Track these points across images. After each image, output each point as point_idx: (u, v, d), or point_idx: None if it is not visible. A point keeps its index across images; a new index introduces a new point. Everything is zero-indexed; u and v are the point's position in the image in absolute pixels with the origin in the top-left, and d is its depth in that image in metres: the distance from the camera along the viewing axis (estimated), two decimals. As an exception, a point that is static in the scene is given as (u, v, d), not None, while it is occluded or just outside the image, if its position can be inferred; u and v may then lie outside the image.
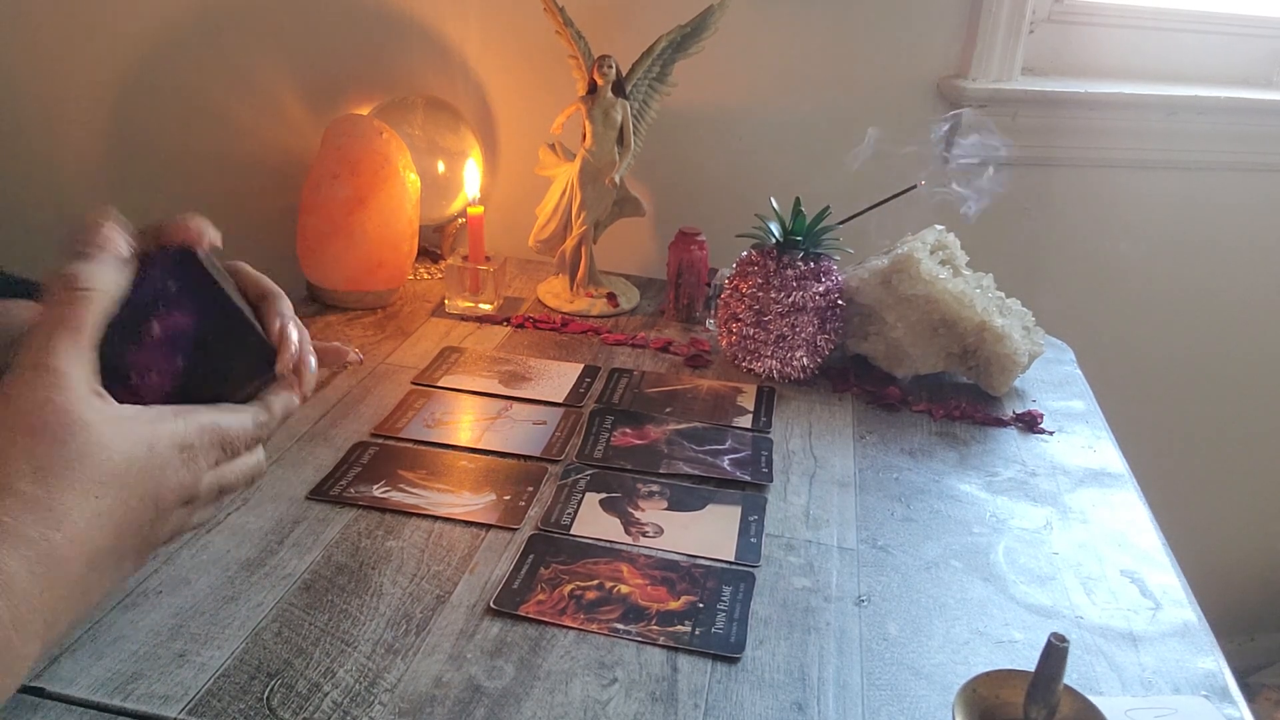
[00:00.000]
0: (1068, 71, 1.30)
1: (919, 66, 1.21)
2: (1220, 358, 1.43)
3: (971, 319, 0.89)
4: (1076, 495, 0.78)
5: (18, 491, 0.43)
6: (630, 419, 0.83)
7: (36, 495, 0.44)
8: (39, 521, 0.43)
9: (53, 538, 0.44)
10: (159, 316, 0.50)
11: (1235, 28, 1.33)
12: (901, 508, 0.74)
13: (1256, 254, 1.38)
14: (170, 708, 0.50)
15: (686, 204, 1.18)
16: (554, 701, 0.53)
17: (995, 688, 0.51)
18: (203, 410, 0.50)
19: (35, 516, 0.43)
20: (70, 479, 0.45)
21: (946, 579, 0.67)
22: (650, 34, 1.00)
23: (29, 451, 0.44)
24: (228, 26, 1.10)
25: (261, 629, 0.56)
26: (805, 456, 0.80)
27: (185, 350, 0.51)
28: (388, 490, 0.70)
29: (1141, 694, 0.57)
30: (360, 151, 0.97)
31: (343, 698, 0.52)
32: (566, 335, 0.99)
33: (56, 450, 0.45)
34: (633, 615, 0.60)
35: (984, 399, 0.92)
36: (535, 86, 1.16)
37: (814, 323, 0.90)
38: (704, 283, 1.04)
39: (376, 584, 0.61)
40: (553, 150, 1.05)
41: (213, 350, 0.51)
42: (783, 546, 0.68)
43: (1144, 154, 1.30)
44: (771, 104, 1.20)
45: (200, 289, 0.51)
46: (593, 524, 0.69)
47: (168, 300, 0.50)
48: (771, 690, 0.55)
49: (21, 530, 0.43)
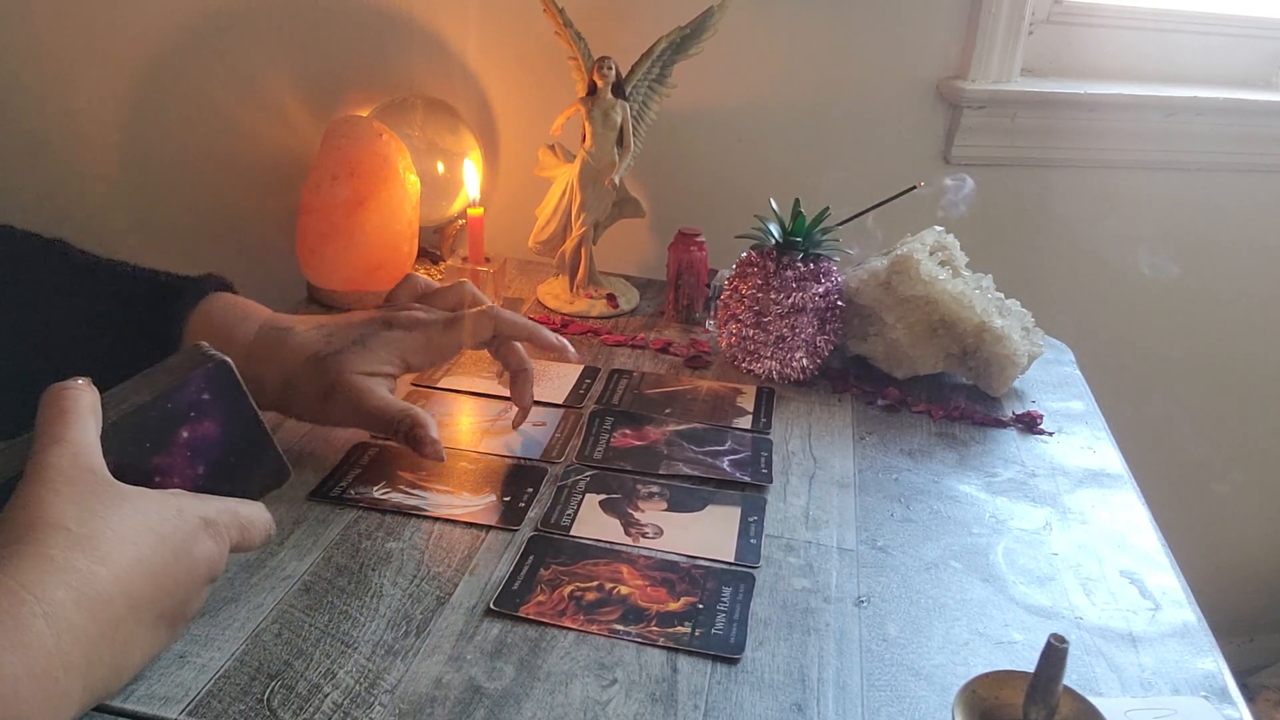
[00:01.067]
0: (1067, 72, 1.31)
1: (918, 67, 1.21)
2: (1220, 358, 1.43)
3: (971, 320, 0.89)
4: (1076, 496, 0.78)
5: (67, 529, 0.45)
6: (630, 420, 0.83)
7: (83, 534, 0.46)
8: (86, 556, 0.45)
9: (99, 572, 0.45)
10: (189, 424, 0.52)
11: (1235, 29, 1.33)
12: (901, 508, 0.74)
13: (1256, 255, 1.38)
14: (170, 709, 0.50)
15: (686, 205, 1.18)
16: (554, 702, 0.53)
17: (995, 688, 0.51)
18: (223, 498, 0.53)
19: (82, 551, 0.45)
20: (112, 525, 0.47)
21: (946, 580, 0.67)
22: (650, 35, 1.00)
23: (72, 497, 0.46)
24: (228, 28, 1.10)
25: (261, 630, 0.56)
26: (805, 457, 0.80)
27: (208, 459, 0.53)
28: (388, 491, 0.70)
29: (1141, 695, 0.57)
30: (360, 153, 0.97)
31: (343, 699, 0.52)
32: (566, 336, 0.99)
33: (93, 500, 0.47)
34: (632, 616, 0.60)
35: (983, 400, 0.92)
36: (535, 88, 1.16)
37: (814, 324, 0.90)
38: (704, 284, 1.04)
39: (376, 585, 0.61)
40: (552, 151, 1.05)
41: (232, 462, 0.53)
42: (782, 547, 0.68)
43: (1143, 155, 1.30)
44: (771, 105, 1.20)
45: (231, 402, 0.53)
46: (592, 525, 0.69)
47: (200, 409, 0.52)
48: (771, 691, 0.55)
49: (70, 562, 0.44)
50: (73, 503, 0.46)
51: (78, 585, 0.44)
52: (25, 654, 0.41)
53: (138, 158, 1.15)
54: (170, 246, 1.19)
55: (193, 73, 1.12)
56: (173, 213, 1.18)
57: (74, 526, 0.45)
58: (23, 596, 0.42)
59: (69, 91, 1.12)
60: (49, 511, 0.46)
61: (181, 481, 0.52)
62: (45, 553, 0.44)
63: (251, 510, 0.55)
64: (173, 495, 0.51)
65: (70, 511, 0.46)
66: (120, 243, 1.17)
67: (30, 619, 0.41)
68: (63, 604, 0.43)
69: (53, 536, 0.45)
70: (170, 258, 1.18)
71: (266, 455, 0.52)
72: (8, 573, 0.43)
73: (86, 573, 0.44)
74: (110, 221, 1.17)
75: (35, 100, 1.12)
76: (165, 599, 0.49)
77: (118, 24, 1.10)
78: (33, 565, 0.43)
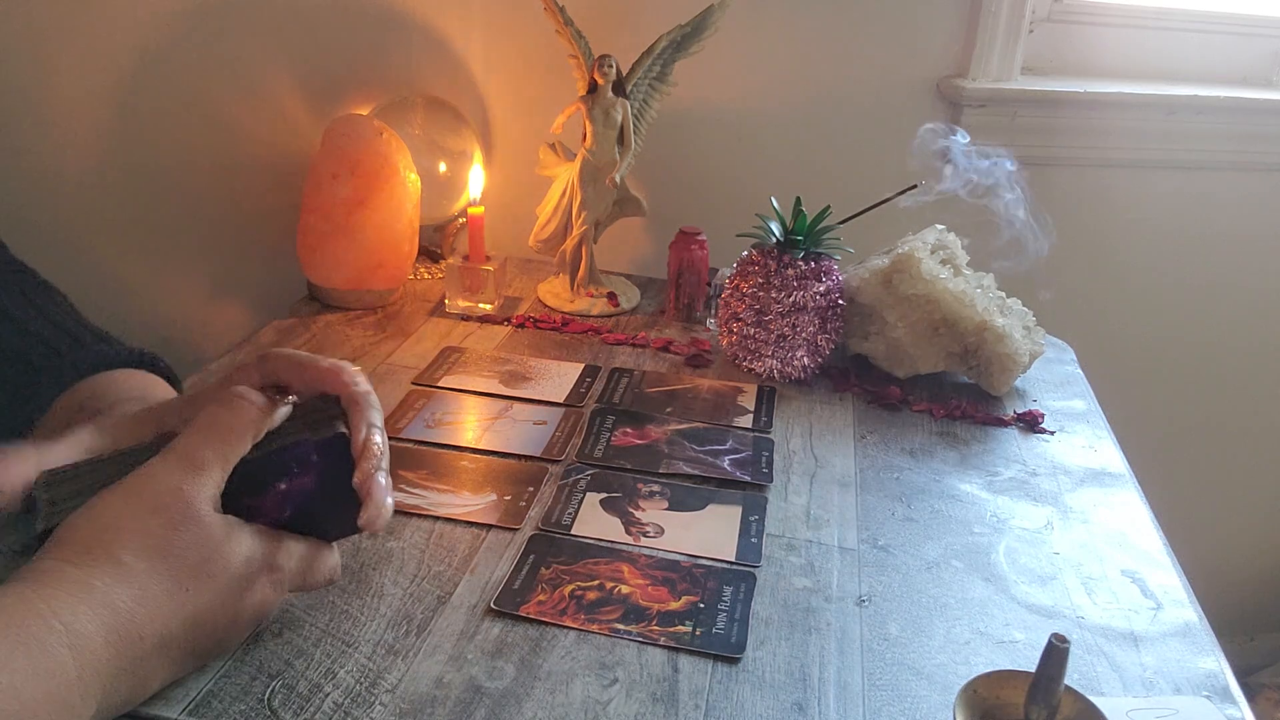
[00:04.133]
0: (1068, 71, 1.31)
1: (919, 66, 1.21)
2: (1221, 358, 1.43)
3: (972, 319, 0.89)
4: (1077, 495, 0.78)
5: (119, 561, 0.46)
6: (631, 419, 0.83)
7: (135, 569, 0.46)
8: (129, 595, 0.46)
9: (137, 612, 0.46)
10: (290, 478, 0.53)
11: (1235, 27, 1.33)
12: (902, 508, 0.74)
13: (1257, 254, 1.38)
14: (171, 708, 0.50)
15: (687, 203, 1.18)
16: (554, 702, 0.53)
17: (996, 688, 0.51)
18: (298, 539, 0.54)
19: (127, 589, 0.46)
20: (170, 564, 0.47)
21: (947, 579, 0.66)
22: (650, 33, 1.00)
23: (144, 527, 0.47)
24: (228, 26, 1.10)
25: (262, 630, 0.56)
26: (806, 456, 0.80)
27: (297, 506, 0.54)
28: (388, 490, 0.70)
29: (1142, 694, 0.57)
30: (360, 151, 0.97)
31: (343, 698, 0.52)
32: (567, 335, 0.99)
33: (168, 534, 0.48)
34: (633, 615, 0.60)
35: (985, 399, 0.92)
36: (535, 86, 1.16)
37: (814, 322, 0.90)
38: (704, 282, 1.04)
39: (377, 585, 0.61)
40: (553, 150, 1.05)
41: (317, 512, 0.54)
42: (783, 546, 0.68)
43: (1144, 153, 1.30)
44: (772, 103, 1.20)
45: (336, 466, 0.54)
46: (593, 524, 0.69)
47: (305, 468, 0.53)
48: (772, 690, 0.55)
49: (110, 598, 0.45)
50: (142, 535, 0.47)
51: (110, 621, 0.45)
52: (47, 680, 0.41)
53: (138, 157, 1.15)
54: (171, 246, 1.19)
55: (193, 72, 1.12)
56: (173, 212, 1.18)
57: (129, 560, 0.46)
58: (53, 624, 0.43)
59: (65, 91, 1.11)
60: (114, 538, 0.46)
61: (265, 520, 0.53)
62: (89, 581, 0.45)
63: (322, 555, 0.55)
64: (249, 537, 0.51)
65: (134, 544, 0.47)
66: (120, 243, 1.17)
67: (56, 647, 0.42)
68: (91, 636, 0.44)
69: (103, 566, 0.45)
70: (171, 257, 1.19)
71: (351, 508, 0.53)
72: (44, 596, 0.43)
73: (124, 611, 0.45)
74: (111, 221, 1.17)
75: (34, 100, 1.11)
76: (202, 640, 0.50)
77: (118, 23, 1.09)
78: (71, 591, 0.44)
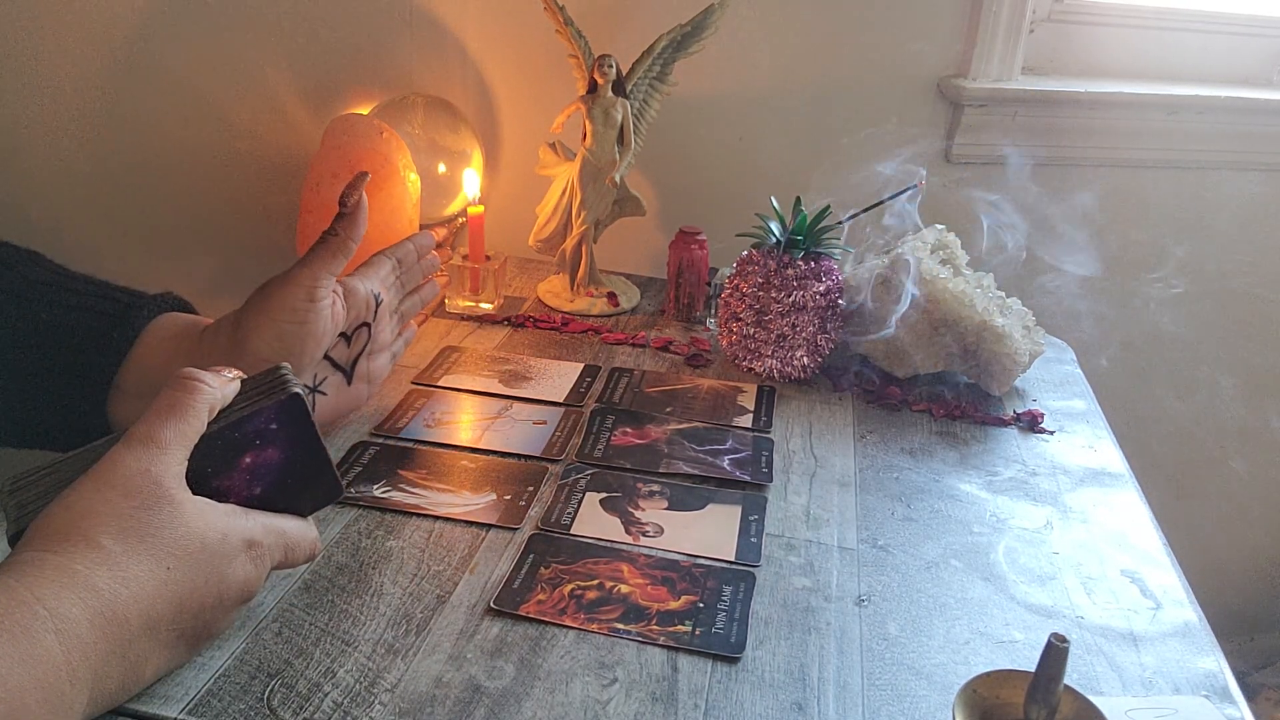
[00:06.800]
0: (1068, 71, 1.31)
1: (919, 66, 1.21)
2: (1221, 357, 1.43)
3: (972, 319, 0.89)
4: (1077, 495, 0.78)
5: (98, 544, 0.46)
6: (630, 418, 0.83)
7: (114, 551, 0.47)
8: (110, 576, 0.46)
9: (119, 593, 0.46)
10: (254, 451, 0.53)
11: (1236, 27, 1.33)
12: (902, 507, 0.74)
13: (1257, 253, 1.38)
14: (170, 708, 0.50)
15: (687, 203, 1.18)
16: (554, 701, 0.53)
17: (995, 688, 0.51)
18: (273, 515, 0.54)
19: (108, 571, 0.46)
20: (148, 544, 0.48)
21: (947, 579, 0.66)
22: (650, 33, 1.00)
23: (118, 510, 0.48)
24: (227, 25, 1.10)
25: (262, 629, 0.56)
26: (805, 456, 0.80)
27: (266, 481, 0.54)
28: (388, 490, 0.70)
29: (1142, 694, 0.57)
30: (360, 151, 0.97)
31: (343, 698, 0.52)
32: (567, 335, 0.99)
33: (142, 515, 0.48)
34: (633, 615, 0.60)
35: (984, 398, 0.92)
36: (535, 86, 1.16)
37: (814, 322, 0.90)
38: (704, 282, 1.04)
39: (377, 584, 0.61)
40: (553, 149, 1.05)
41: (289, 483, 0.54)
42: (783, 546, 0.68)
43: (1144, 153, 1.30)
44: (772, 103, 1.20)
45: (297, 431, 0.54)
46: (593, 524, 0.69)
47: (266, 438, 0.53)
48: (772, 690, 0.55)
49: (92, 581, 0.45)
50: (117, 518, 0.47)
51: (94, 604, 0.45)
52: (34, 666, 0.41)
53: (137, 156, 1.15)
54: (170, 246, 1.19)
55: (193, 70, 1.12)
56: (172, 212, 1.18)
57: (108, 543, 0.46)
58: (37, 610, 0.43)
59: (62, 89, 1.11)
60: (90, 523, 0.47)
61: (236, 500, 0.53)
62: (69, 566, 0.45)
63: (299, 530, 0.56)
64: (224, 515, 0.51)
65: (111, 527, 0.47)
66: (120, 242, 1.17)
67: (42, 633, 0.42)
68: (76, 621, 0.44)
69: (82, 551, 0.46)
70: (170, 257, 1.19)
71: (323, 476, 0.54)
72: (26, 584, 0.44)
73: (106, 592, 0.45)
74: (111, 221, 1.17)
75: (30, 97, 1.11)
76: (188, 620, 0.50)
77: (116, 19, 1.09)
78: (53, 577, 0.44)
